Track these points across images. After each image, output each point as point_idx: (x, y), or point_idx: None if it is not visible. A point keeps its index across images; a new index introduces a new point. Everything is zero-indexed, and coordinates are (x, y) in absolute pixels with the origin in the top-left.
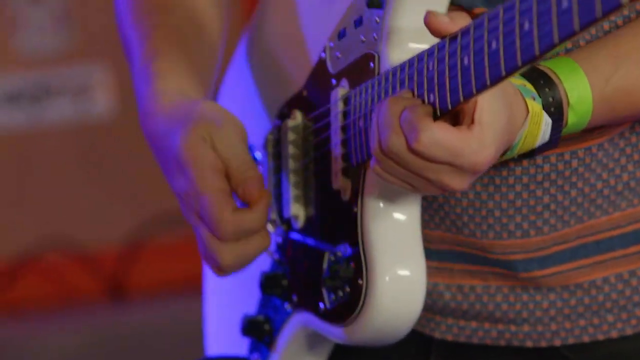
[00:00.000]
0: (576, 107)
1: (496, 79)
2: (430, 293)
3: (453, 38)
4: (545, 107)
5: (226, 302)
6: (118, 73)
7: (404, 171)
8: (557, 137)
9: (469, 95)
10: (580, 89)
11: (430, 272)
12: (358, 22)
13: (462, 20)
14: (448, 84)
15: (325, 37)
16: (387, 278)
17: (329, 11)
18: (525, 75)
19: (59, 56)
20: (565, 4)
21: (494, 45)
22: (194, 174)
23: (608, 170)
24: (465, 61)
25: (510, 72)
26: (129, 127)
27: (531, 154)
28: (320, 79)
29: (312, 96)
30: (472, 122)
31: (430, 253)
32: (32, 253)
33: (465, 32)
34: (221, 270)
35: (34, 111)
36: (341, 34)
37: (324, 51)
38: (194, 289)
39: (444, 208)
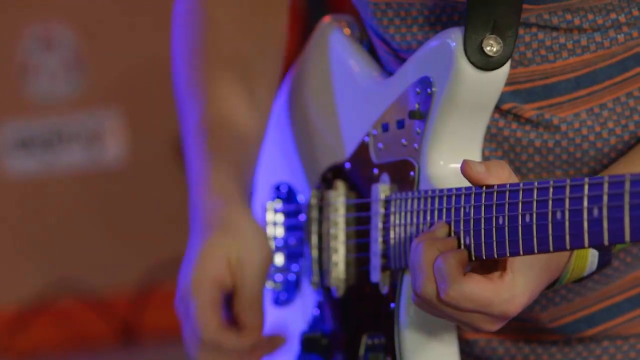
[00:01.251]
0: None
1: (528, 251)
2: (483, 349)
3: (489, 192)
4: None
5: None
6: (129, 120)
7: (439, 312)
8: (609, 259)
9: (502, 256)
10: None
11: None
12: (401, 125)
13: (498, 170)
14: (483, 236)
15: (370, 122)
16: None
17: (376, 96)
18: None
19: (71, 103)
20: (595, 212)
21: (527, 219)
22: (194, 277)
23: None
24: (500, 221)
25: (541, 251)
26: (140, 172)
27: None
28: (362, 162)
29: (354, 175)
30: (505, 269)
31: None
32: (44, 298)
33: (500, 192)
34: (202, 349)
35: (45, 157)
36: (384, 127)
37: (368, 136)
38: None
39: None
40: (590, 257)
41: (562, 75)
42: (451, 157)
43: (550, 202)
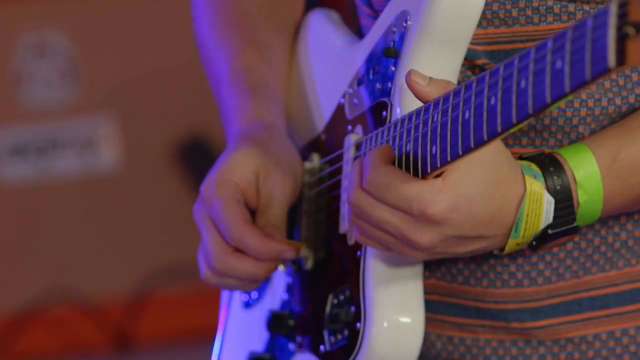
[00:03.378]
0: (585, 185)
1: (492, 135)
2: (423, 342)
3: (457, 91)
4: (550, 186)
5: (236, 338)
6: (123, 127)
7: (373, 230)
8: (572, 218)
9: (467, 150)
10: (587, 165)
11: None
12: (375, 71)
13: (439, 88)
14: (450, 136)
15: (346, 83)
16: (385, 324)
17: (351, 57)
18: (530, 157)
19: (65, 109)
20: (559, 64)
21: (492, 100)
22: (219, 178)
23: (607, 228)
24: (467, 115)
25: (505, 129)
26: (134, 179)
27: (548, 238)
28: (337, 124)
29: (330, 141)
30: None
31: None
32: (37, 305)
33: (468, 86)
34: (210, 272)
35: (39, 164)
36: (360, 81)
37: (343, 97)
38: (199, 340)
39: None
40: (545, 204)
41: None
42: None
43: (486, 89)
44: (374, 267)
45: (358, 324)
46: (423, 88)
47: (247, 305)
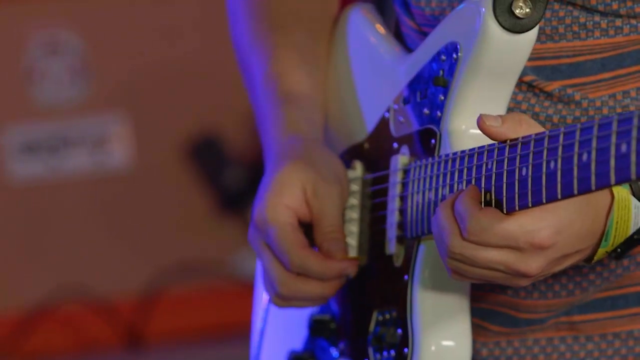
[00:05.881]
0: None
1: (551, 199)
2: None
3: (513, 145)
4: (636, 191)
5: (274, 334)
6: (135, 124)
7: (476, 269)
8: None
9: (523, 207)
10: None
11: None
12: (423, 95)
13: (515, 125)
14: (505, 191)
15: (391, 98)
16: (432, 348)
17: (396, 71)
18: None
19: (76, 107)
20: (624, 148)
21: (552, 165)
22: (269, 203)
23: None
24: (524, 172)
25: (566, 197)
26: (146, 177)
27: (634, 243)
28: (382, 138)
29: (373, 152)
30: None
31: (471, 310)
32: (49, 303)
33: (525, 143)
34: (278, 299)
35: (51, 162)
36: (406, 100)
37: (388, 111)
38: (210, 337)
39: None
40: (634, 209)
41: (589, 55)
42: (474, 123)
43: (576, 145)
44: (422, 294)
45: (405, 350)
46: (498, 129)
47: None
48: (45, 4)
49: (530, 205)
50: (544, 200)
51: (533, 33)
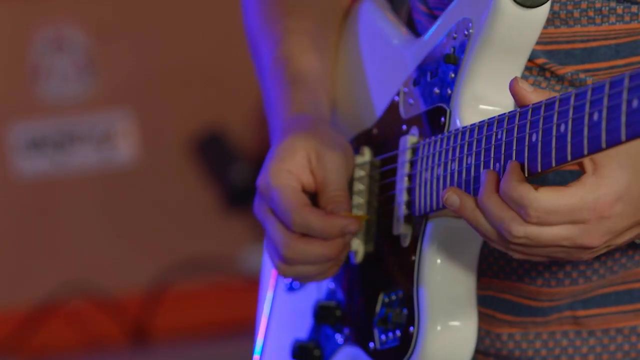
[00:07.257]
0: None
1: (561, 162)
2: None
3: (523, 112)
4: None
5: (279, 323)
6: (141, 120)
7: (540, 249)
8: None
9: (534, 173)
10: None
11: None
12: (434, 74)
13: (543, 96)
14: (514, 157)
15: (401, 81)
16: (438, 328)
17: (406, 55)
18: None
19: (82, 104)
20: (635, 103)
21: (562, 129)
22: (271, 169)
23: None
24: (534, 138)
25: (575, 159)
26: (152, 173)
27: None
28: (391, 122)
29: (382, 137)
30: (579, 177)
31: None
32: (55, 299)
33: (536, 108)
34: (282, 264)
35: (57, 158)
36: (416, 82)
37: (398, 95)
38: (216, 333)
39: (493, 254)
40: None
41: (604, 40)
42: (484, 99)
43: (587, 105)
44: (429, 272)
45: (411, 328)
46: (527, 94)
47: (291, 289)
48: (50, 1)
49: (539, 170)
50: (554, 164)
51: (545, 8)
